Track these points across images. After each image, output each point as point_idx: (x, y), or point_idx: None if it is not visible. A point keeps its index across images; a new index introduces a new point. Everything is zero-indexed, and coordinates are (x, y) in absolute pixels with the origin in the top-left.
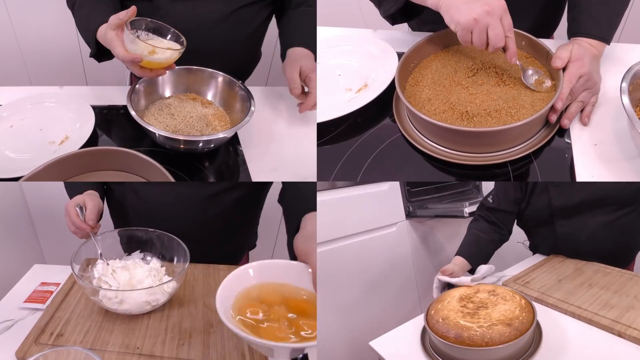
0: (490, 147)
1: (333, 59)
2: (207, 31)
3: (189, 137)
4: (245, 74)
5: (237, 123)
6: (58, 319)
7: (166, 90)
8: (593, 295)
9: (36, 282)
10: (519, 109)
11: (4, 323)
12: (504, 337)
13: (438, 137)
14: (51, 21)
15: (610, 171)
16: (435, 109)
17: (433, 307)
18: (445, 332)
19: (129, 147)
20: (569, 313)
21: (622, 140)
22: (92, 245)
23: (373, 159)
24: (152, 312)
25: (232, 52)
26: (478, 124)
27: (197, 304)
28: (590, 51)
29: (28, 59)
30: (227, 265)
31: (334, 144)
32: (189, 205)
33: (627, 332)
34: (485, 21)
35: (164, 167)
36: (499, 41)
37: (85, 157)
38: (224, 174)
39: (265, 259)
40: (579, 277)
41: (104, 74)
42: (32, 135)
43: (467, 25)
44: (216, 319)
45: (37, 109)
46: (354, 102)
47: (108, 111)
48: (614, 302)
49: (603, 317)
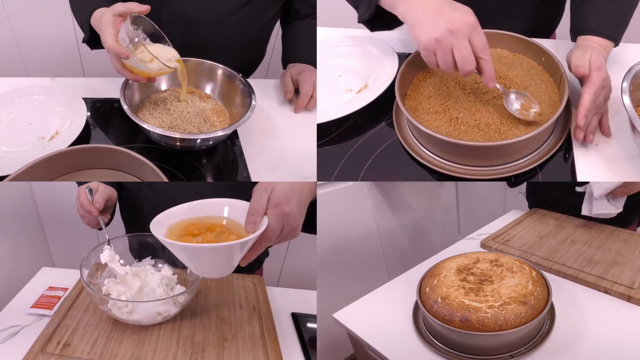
0: (490, 161)
1: (333, 59)
2: (218, 22)
3: (185, 135)
4: (251, 70)
5: (236, 118)
6: (65, 327)
7: (162, 84)
8: (577, 251)
9: (44, 286)
10: (511, 127)
11: (10, 329)
12: (520, 318)
13: (442, 150)
14: (47, 11)
15: (611, 171)
16: (431, 108)
17: (427, 283)
18: (447, 314)
19: (124, 143)
20: (553, 271)
21: (623, 140)
22: (101, 249)
23: (374, 160)
24: (162, 322)
25: (240, 46)
26: (463, 133)
27: (209, 315)
28: (603, 55)
29: (24, 49)
30: (241, 275)
31: (334, 145)
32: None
33: (613, 288)
34: (449, 42)
35: (159, 166)
36: (467, 64)
37: (74, 156)
38: (222, 171)
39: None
40: (561, 233)
41: (104, 67)
42: (20, 130)
43: (429, 46)
44: (231, 332)
45: (25, 102)
46: (354, 102)
47: (102, 105)
48: (598, 257)
49: (588, 274)
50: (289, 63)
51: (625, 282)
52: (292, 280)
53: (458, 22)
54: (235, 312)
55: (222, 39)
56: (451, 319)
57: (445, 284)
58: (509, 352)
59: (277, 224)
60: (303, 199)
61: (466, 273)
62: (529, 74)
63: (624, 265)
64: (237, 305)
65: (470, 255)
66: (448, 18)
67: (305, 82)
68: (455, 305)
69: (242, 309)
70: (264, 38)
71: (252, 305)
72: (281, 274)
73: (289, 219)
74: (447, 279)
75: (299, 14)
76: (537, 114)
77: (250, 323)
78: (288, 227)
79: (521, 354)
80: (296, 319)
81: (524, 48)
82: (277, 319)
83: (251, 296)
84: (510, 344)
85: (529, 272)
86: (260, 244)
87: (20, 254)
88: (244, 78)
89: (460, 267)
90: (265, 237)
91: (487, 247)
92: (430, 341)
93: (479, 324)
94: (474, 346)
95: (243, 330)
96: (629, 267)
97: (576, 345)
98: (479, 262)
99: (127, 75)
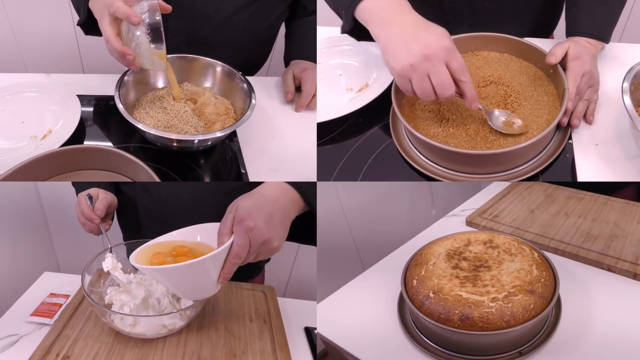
0: (490, 168)
1: (334, 58)
2: (226, 19)
3: (182, 136)
4: (256, 67)
5: (236, 118)
6: (65, 338)
7: (159, 81)
8: (572, 225)
9: (45, 291)
10: (498, 137)
11: (8, 338)
12: (529, 310)
13: (443, 159)
14: (46, 6)
15: (612, 171)
16: (426, 105)
17: (413, 274)
18: (443, 312)
19: (120, 142)
20: (550, 249)
21: (624, 140)
22: (104, 256)
23: (374, 159)
24: (167, 336)
25: (247, 43)
26: (449, 135)
27: (217, 327)
28: (589, 49)
29: (23, 45)
30: (251, 284)
31: (335, 144)
32: (206, 202)
33: (617, 265)
34: (424, 67)
35: (155, 166)
36: (446, 90)
37: (65, 156)
38: (220, 172)
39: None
40: (553, 205)
41: (104, 63)
42: (12, 129)
43: (403, 73)
44: (240, 348)
45: (18, 99)
46: (355, 101)
47: (97, 102)
48: (596, 231)
49: (589, 251)
50: (292, 60)
51: (630, 258)
52: (300, 292)
53: (433, 46)
54: (245, 325)
55: (229, 36)
56: (448, 318)
57: (436, 273)
58: (515, 348)
59: (243, 240)
60: (277, 210)
61: (458, 258)
62: (531, 82)
63: (624, 239)
64: (247, 317)
65: (460, 236)
66: (422, 42)
67: (309, 80)
68: (451, 300)
69: (252, 322)
70: (271, 36)
71: (262, 318)
72: (288, 284)
73: (253, 233)
74: (436, 268)
75: (306, 10)
76: (521, 127)
77: (261, 338)
78: (255, 241)
79: (530, 350)
80: (310, 333)
81: (524, 52)
82: (289, 333)
83: (262, 308)
84: (516, 339)
85: (530, 254)
86: (229, 261)
87: (24, 257)
88: (244, 76)
89: (450, 252)
90: (233, 253)
91: (474, 224)
92: (424, 343)
93: (482, 321)
94: (475, 346)
95: (253, 346)
96: (630, 240)
97: (587, 334)
98: (471, 244)
99: (126, 51)
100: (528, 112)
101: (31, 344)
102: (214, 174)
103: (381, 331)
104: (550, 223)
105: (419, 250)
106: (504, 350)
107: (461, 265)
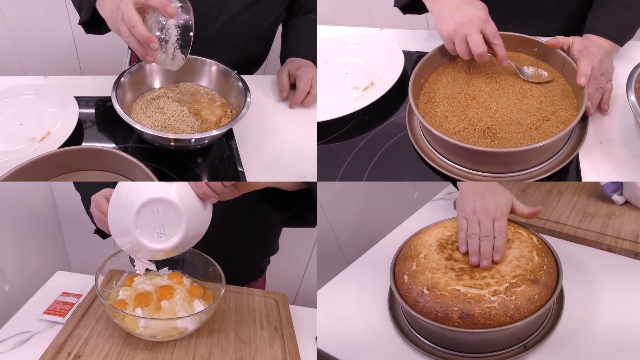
0: (513, 167)
1: (340, 57)
2: (230, 19)
3: (179, 135)
4: (255, 66)
5: (232, 116)
6: (77, 337)
7: (155, 81)
8: (567, 204)
9: (58, 290)
10: (542, 121)
11: (21, 335)
12: (533, 302)
13: (459, 157)
14: (44, 8)
15: (616, 169)
16: (454, 127)
17: (403, 269)
18: (441, 310)
19: (117, 142)
20: (547, 231)
21: (628, 138)
22: (118, 256)
23: (380, 157)
24: (178, 339)
25: (249, 42)
26: (503, 141)
27: (227, 333)
28: (598, 43)
29: (20, 48)
30: (263, 290)
31: (340, 142)
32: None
33: (617, 244)
34: (463, 31)
35: (153, 166)
36: (477, 47)
37: (64, 157)
38: (217, 170)
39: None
40: (544, 184)
41: (101, 65)
42: (11, 131)
43: (448, 36)
44: (250, 355)
45: (16, 102)
46: (361, 100)
47: (95, 103)
48: (592, 209)
49: (588, 231)
50: (288, 58)
51: (629, 236)
52: (311, 300)
53: (472, 16)
54: (255, 332)
55: (232, 36)
56: (447, 316)
57: (429, 267)
58: (520, 342)
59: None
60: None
61: (451, 248)
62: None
63: (621, 216)
64: (258, 324)
65: (451, 223)
66: (464, 13)
67: (303, 78)
68: (448, 296)
69: (262, 329)
70: (271, 35)
71: (274, 325)
72: (298, 293)
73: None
74: (429, 260)
75: (302, 9)
76: (547, 77)
77: (271, 345)
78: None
79: (535, 343)
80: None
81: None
82: (300, 342)
83: (273, 315)
84: (520, 332)
85: (529, 239)
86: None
87: (37, 256)
88: (239, 75)
89: (442, 241)
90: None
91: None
92: (421, 343)
93: (484, 317)
94: (477, 343)
95: (264, 353)
96: (627, 217)
97: (592, 322)
98: None
99: (146, 57)
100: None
101: (43, 342)
102: (211, 173)
103: (373, 335)
104: (544, 202)
105: (407, 241)
106: (508, 345)
107: (455, 256)
